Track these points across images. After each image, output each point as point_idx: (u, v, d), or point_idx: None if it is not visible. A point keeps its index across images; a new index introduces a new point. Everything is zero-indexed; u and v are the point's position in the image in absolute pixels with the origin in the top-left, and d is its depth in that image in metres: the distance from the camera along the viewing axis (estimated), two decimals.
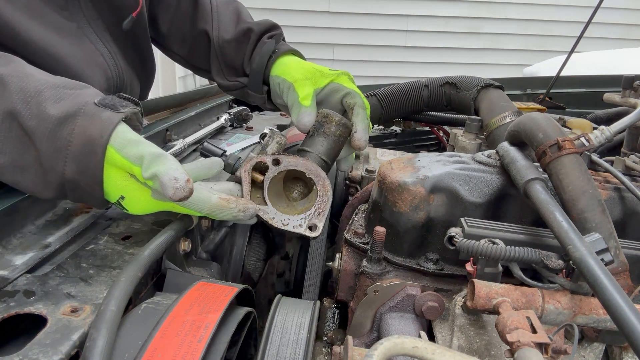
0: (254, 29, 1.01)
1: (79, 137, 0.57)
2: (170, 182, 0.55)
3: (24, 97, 0.57)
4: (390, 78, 5.14)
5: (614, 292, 0.46)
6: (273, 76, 0.95)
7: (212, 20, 1.03)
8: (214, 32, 1.03)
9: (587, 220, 0.59)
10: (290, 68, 0.93)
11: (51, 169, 0.58)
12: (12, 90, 0.57)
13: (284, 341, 0.54)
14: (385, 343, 0.43)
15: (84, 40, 0.87)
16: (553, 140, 0.64)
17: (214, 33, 1.02)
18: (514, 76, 2.38)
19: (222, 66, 1.04)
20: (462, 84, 1.30)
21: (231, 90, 1.05)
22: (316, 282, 0.86)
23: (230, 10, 1.06)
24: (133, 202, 0.61)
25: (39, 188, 0.60)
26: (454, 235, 0.63)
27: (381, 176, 0.75)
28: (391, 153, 1.29)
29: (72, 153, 0.57)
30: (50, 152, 0.57)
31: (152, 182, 0.58)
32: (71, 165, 0.57)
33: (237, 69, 1.03)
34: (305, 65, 0.93)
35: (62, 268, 0.58)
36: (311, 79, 0.88)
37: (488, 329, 0.61)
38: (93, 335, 0.43)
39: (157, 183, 0.57)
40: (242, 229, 0.91)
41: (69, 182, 0.59)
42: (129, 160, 0.58)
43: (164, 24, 1.07)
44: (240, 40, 1.01)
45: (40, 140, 0.57)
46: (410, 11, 5.28)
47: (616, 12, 5.18)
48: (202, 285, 0.56)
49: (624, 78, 1.11)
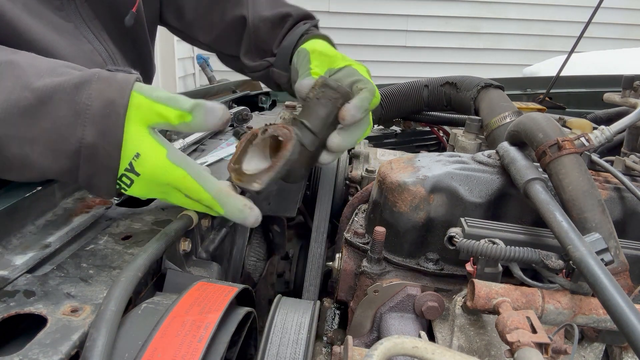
0: (292, 14, 0.99)
1: (98, 99, 0.57)
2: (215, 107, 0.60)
3: (36, 72, 0.57)
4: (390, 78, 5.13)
5: (614, 292, 0.46)
6: (298, 50, 0.93)
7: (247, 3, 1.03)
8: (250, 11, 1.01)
9: (587, 220, 0.59)
10: (315, 44, 0.91)
11: (69, 135, 0.57)
12: (24, 67, 0.57)
13: (284, 341, 0.54)
14: (385, 343, 0.43)
15: (82, 41, 0.87)
16: (553, 140, 0.64)
17: (250, 12, 1.01)
18: (514, 76, 2.39)
19: (252, 47, 1.03)
20: (462, 84, 1.30)
21: (256, 71, 1.04)
22: (316, 282, 0.85)
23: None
24: (146, 162, 0.60)
25: (49, 160, 0.58)
26: (454, 235, 0.63)
27: (381, 176, 0.75)
28: (391, 153, 1.29)
29: (91, 116, 0.57)
30: (68, 118, 0.56)
31: (192, 115, 0.60)
32: (91, 129, 0.57)
33: (266, 51, 1.01)
34: (331, 48, 0.91)
35: (62, 268, 0.58)
36: (330, 57, 0.86)
37: (488, 329, 0.61)
38: (93, 335, 0.43)
39: (199, 112, 0.60)
40: (242, 228, 0.91)
41: (86, 148, 0.57)
42: (160, 102, 0.59)
43: (189, 12, 1.06)
44: (276, 23, 1.00)
45: (57, 107, 0.56)
46: (410, 11, 5.29)
47: (616, 12, 5.19)
48: (202, 285, 0.56)
49: (624, 78, 1.11)
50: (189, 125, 0.61)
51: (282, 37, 0.98)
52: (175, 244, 0.68)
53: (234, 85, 1.75)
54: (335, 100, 0.73)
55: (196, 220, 0.70)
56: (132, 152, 0.59)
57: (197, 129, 0.63)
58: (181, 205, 0.67)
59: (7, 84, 0.55)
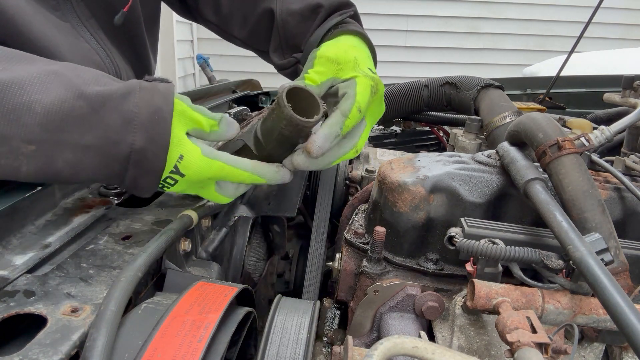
0: (324, 5, 0.91)
1: (145, 107, 0.61)
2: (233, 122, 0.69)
3: (83, 81, 0.60)
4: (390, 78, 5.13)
5: (614, 292, 0.46)
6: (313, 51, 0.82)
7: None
8: (278, 4, 0.96)
9: (587, 220, 0.59)
10: (333, 45, 0.81)
11: (120, 141, 0.60)
12: (70, 76, 0.59)
13: (284, 341, 0.54)
14: (385, 343, 0.43)
15: (80, 40, 0.87)
16: (553, 140, 0.64)
17: (278, 5, 0.96)
18: (514, 76, 2.38)
19: (282, 43, 0.98)
20: (462, 84, 1.30)
21: (285, 68, 1.00)
22: (316, 282, 0.85)
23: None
24: (188, 162, 0.64)
25: (101, 165, 0.60)
26: (454, 235, 0.63)
27: (381, 176, 0.75)
28: (391, 153, 1.29)
29: (140, 123, 0.60)
30: (118, 125, 0.59)
31: (218, 125, 0.67)
32: (140, 135, 0.60)
33: (297, 47, 0.95)
34: (351, 50, 0.79)
35: (62, 268, 0.58)
36: (340, 64, 0.76)
37: (488, 329, 0.61)
38: (93, 335, 0.43)
39: (223, 123, 0.68)
40: (242, 229, 0.91)
41: (136, 153, 0.60)
42: (198, 112, 0.66)
43: (225, 5, 1.04)
44: (306, 15, 0.93)
45: (109, 113, 0.59)
46: (410, 11, 5.29)
47: (616, 12, 5.19)
48: (202, 285, 0.56)
49: (624, 78, 1.11)
50: (216, 133, 0.68)
51: (313, 32, 0.91)
52: (175, 244, 0.68)
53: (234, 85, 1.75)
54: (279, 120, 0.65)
55: (196, 220, 0.70)
56: (177, 155, 0.63)
57: (218, 138, 0.69)
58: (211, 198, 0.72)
59: (58, 92, 0.57)
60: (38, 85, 0.56)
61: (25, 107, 0.54)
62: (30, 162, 0.56)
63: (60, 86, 0.57)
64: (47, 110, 0.55)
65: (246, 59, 2.90)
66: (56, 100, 0.56)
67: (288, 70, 1.00)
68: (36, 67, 0.58)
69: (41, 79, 0.57)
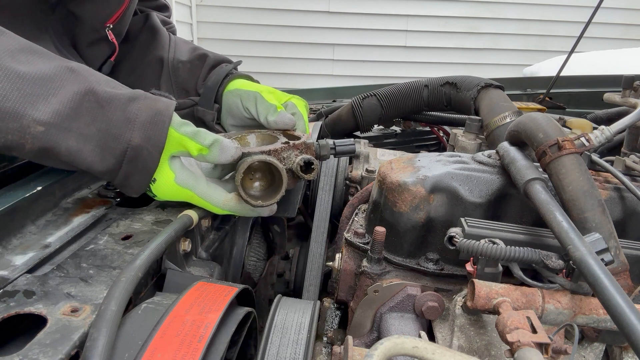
0: (210, 56, 1.07)
1: (147, 111, 0.67)
2: (229, 146, 0.70)
3: (96, 80, 0.66)
4: (390, 78, 5.14)
5: (614, 292, 0.46)
6: (232, 90, 1.00)
7: (168, 47, 1.09)
8: (170, 55, 1.08)
9: (587, 220, 0.59)
10: (248, 85, 0.99)
11: (118, 136, 0.65)
12: (85, 75, 0.65)
13: (284, 341, 0.54)
14: (385, 343, 0.43)
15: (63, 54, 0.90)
16: (553, 140, 0.64)
17: (169, 56, 1.08)
18: (514, 76, 2.39)
19: (173, 87, 1.07)
20: (462, 84, 1.30)
21: (180, 109, 1.06)
22: (316, 282, 0.85)
23: (188, 43, 1.13)
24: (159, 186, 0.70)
25: (98, 157, 0.64)
26: (454, 235, 0.63)
27: (381, 176, 0.75)
28: (391, 153, 1.29)
29: (139, 123, 0.66)
30: (120, 121, 0.65)
31: (209, 150, 0.69)
32: (138, 133, 0.65)
33: (188, 91, 1.06)
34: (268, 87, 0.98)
35: (62, 268, 0.58)
36: (273, 93, 0.96)
37: (488, 329, 0.61)
38: (93, 335, 0.43)
39: (215, 148, 0.69)
40: (242, 229, 0.91)
41: (132, 150, 0.65)
42: (186, 135, 0.69)
43: (118, 54, 1.07)
44: (195, 63, 1.07)
45: (114, 110, 0.65)
46: (410, 11, 5.29)
47: (616, 12, 5.19)
48: (202, 285, 0.56)
49: (624, 78, 1.11)
50: (205, 157, 0.71)
51: (205, 76, 1.05)
52: (175, 244, 0.68)
53: None
54: None
55: (196, 220, 0.70)
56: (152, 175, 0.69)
57: (212, 162, 0.72)
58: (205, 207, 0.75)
59: (72, 87, 0.63)
60: (56, 81, 0.62)
61: (43, 96, 0.60)
62: (34, 142, 0.60)
63: (75, 81, 0.63)
64: (60, 99, 0.61)
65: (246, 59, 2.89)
66: (70, 92, 0.62)
67: (184, 110, 1.07)
68: (54, 63, 0.63)
69: (59, 74, 0.62)
